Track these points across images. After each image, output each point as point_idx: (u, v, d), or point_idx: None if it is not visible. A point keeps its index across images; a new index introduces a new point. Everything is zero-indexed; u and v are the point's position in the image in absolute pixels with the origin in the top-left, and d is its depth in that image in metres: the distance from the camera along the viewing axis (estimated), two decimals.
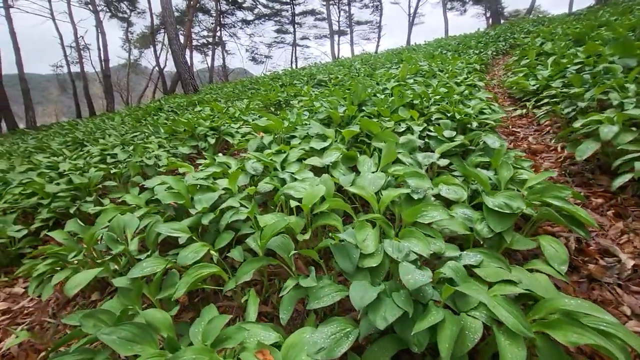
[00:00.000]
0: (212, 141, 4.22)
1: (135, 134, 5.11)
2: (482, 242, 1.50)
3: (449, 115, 2.94)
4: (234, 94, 9.70)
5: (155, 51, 28.28)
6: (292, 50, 39.84)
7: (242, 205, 1.95)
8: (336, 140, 2.73)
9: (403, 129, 2.78)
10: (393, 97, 3.48)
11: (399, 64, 7.69)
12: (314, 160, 2.35)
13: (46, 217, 2.82)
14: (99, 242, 2.10)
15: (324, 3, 38.08)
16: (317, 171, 2.31)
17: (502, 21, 22.22)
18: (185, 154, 4.12)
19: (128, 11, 29.74)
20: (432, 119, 2.96)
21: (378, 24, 38.90)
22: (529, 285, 1.17)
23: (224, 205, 1.93)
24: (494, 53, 8.04)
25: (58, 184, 3.22)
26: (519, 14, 33.77)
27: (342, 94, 4.59)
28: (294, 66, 38.06)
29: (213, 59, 33.58)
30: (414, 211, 1.54)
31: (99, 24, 19.28)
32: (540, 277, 1.26)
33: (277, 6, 37.81)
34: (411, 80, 4.67)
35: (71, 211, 2.85)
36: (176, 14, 32.48)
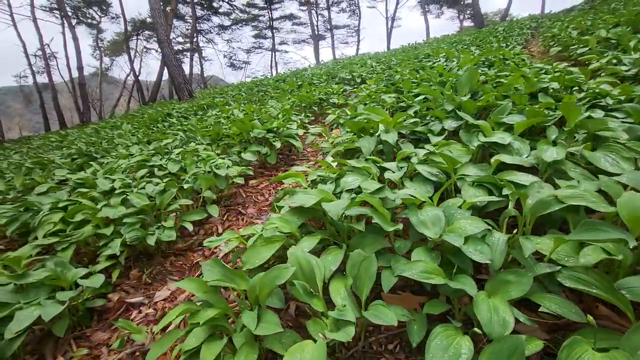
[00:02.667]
0: (278, 145, 3.55)
1: (166, 141, 4.30)
2: None
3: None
4: (243, 97, 8.94)
5: (130, 58, 26.70)
6: (272, 55, 39.19)
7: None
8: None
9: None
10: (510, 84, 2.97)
11: (428, 59, 7.29)
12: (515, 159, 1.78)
13: (114, 252, 2.05)
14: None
15: (302, 8, 37.80)
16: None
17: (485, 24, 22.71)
18: (249, 161, 3.41)
19: (98, 17, 27.96)
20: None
21: (357, 28, 39.08)
22: None
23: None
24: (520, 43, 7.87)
25: (105, 206, 2.45)
26: (487, 17, 35.03)
27: (409, 86, 4.06)
28: (274, 72, 37.38)
29: (191, 66, 32.19)
30: None
31: (71, 29, 17.78)
32: None
33: (255, 11, 37.07)
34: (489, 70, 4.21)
35: (150, 242, 2.10)
36: (148, 20, 31.17)
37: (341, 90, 6.39)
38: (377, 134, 2.54)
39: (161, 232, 2.17)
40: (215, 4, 34.07)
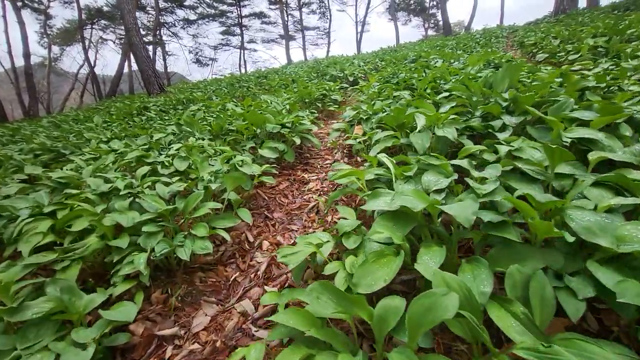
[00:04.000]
0: (298, 141, 3.19)
1: (158, 135, 3.74)
2: None
3: None
4: (224, 92, 8.37)
5: (85, 48, 24.48)
6: (240, 53, 38.17)
7: None
8: None
9: None
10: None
11: (419, 60, 7.25)
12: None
13: (136, 270, 1.59)
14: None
15: (272, 7, 37.22)
16: None
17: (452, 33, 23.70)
18: (267, 159, 3.02)
19: (46, 1, 25.31)
20: None
21: (327, 30, 39.19)
22: None
23: None
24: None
25: (106, 211, 1.96)
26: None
27: (425, 84, 3.89)
28: (242, 70, 36.29)
29: (154, 60, 30.26)
30: None
31: (16, 11, 15.82)
32: None
33: (223, 7, 35.83)
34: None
35: (183, 256, 1.66)
36: (105, 8, 28.85)
37: (338, 87, 6.13)
38: (419, 129, 2.29)
39: (192, 243, 1.74)
40: None
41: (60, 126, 7.02)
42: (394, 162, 1.92)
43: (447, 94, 3.29)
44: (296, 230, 2.29)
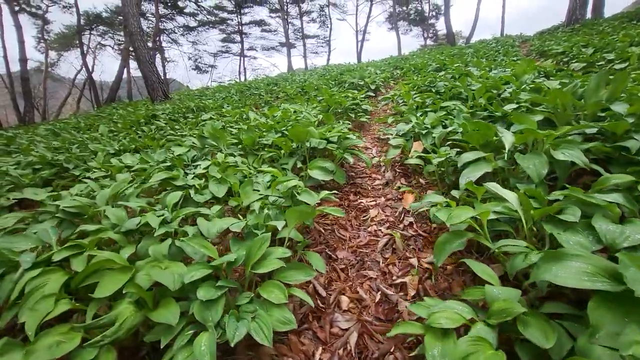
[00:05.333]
0: (351, 159, 2.72)
1: (179, 150, 3.23)
2: None
3: None
4: (235, 99, 7.91)
5: (83, 53, 23.99)
6: (240, 60, 38.02)
7: None
8: None
9: None
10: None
11: (443, 70, 6.87)
12: None
13: None
14: None
15: (272, 15, 37.20)
16: None
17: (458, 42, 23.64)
18: (318, 182, 2.53)
19: (44, 6, 24.84)
20: None
21: (327, 39, 39.16)
22: None
23: None
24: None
25: (135, 258, 1.46)
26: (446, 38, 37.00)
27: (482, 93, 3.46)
28: (242, 77, 35.92)
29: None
30: None
31: (13, 15, 15.31)
32: None
33: (223, 14, 35.70)
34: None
35: (264, 341, 1.15)
36: (104, 14, 28.41)
37: (363, 96, 5.70)
38: (508, 149, 1.83)
39: (267, 313, 1.23)
40: (180, 3, 32.24)
41: (59, 135, 6.49)
42: (520, 194, 1.45)
43: (514, 105, 2.87)
44: (375, 278, 1.79)
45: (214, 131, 3.28)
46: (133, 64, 29.10)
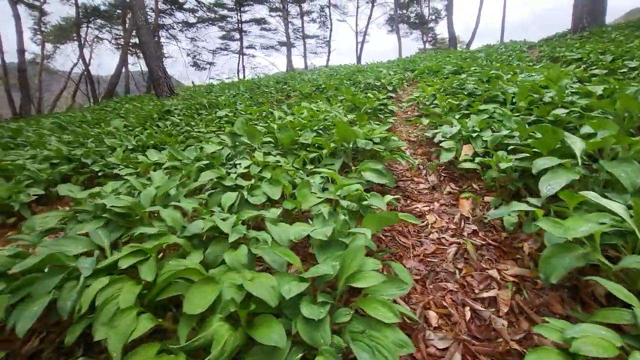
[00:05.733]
0: (403, 162, 2.59)
1: (212, 147, 3.07)
2: None
3: None
4: (246, 96, 7.73)
5: (80, 46, 23.51)
6: (239, 58, 37.76)
7: None
8: None
9: None
10: None
11: (462, 71, 6.80)
12: None
13: None
14: None
15: (273, 14, 37.02)
16: None
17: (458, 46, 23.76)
18: (372, 184, 2.40)
19: None
20: None
21: (327, 40, 39.12)
22: None
23: None
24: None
25: (205, 266, 1.31)
26: (443, 42, 37.23)
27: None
28: (241, 75, 35.60)
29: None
30: None
31: (12, 6, 14.90)
32: None
33: (223, 11, 35.39)
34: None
35: None
36: (102, 7, 27.89)
37: (384, 97, 5.58)
38: (579, 155, 1.72)
39: (380, 334, 1.10)
40: None
41: (66, 128, 6.26)
42: (635, 204, 1.34)
43: (563, 110, 2.77)
44: (455, 292, 1.67)
45: (248, 128, 3.13)
46: (130, 59, 28.65)
